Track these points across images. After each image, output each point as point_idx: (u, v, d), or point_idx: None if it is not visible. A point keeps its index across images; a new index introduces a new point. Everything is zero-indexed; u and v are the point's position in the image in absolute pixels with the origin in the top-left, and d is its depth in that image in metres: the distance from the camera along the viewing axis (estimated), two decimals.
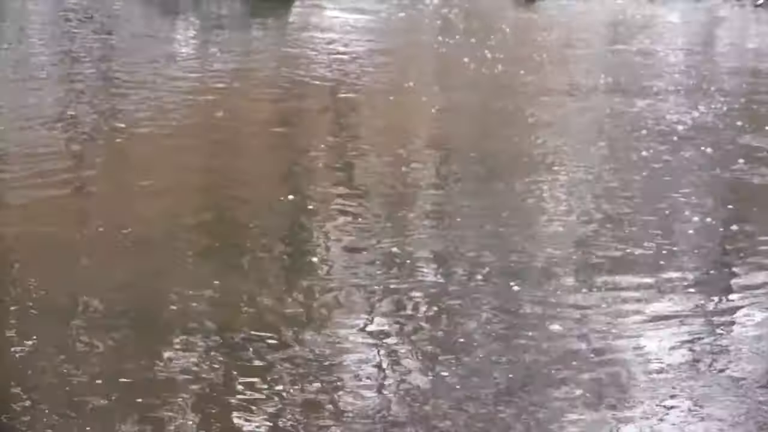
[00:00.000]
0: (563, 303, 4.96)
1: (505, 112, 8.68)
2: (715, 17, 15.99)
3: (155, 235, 5.71)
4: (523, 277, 5.24)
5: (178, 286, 4.98)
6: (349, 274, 5.31)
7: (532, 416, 3.92)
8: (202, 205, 6.45)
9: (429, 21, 13.57)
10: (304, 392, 4.05)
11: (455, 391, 4.07)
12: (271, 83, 9.78)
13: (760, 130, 8.44)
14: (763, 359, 4.45)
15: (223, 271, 5.24)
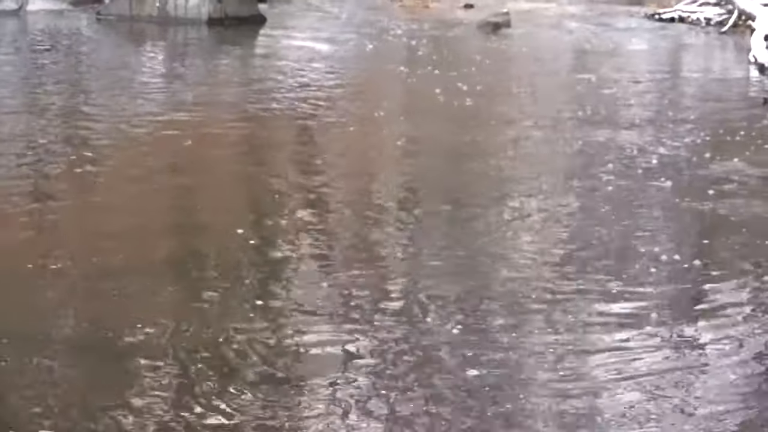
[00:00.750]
0: (526, 336, 4.84)
1: (471, 143, 8.57)
2: (680, 44, 16.05)
3: (121, 265, 5.60)
4: (486, 309, 5.14)
5: (143, 316, 4.87)
6: (315, 301, 5.22)
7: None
8: (167, 235, 6.36)
9: (397, 51, 13.50)
10: (274, 418, 3.97)
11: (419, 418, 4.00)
12: (238, 113, 9.66)
13: (728, 160, 8.36)
14: (724, 396, 4.34)
15: (188, 299, 5.20)
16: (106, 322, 4.79)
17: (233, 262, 5.80)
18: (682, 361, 4.64)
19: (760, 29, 14.81)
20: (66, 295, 5.18)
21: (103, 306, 5.03)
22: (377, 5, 18.46)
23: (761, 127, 10.06)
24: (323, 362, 4.55)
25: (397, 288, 5.48)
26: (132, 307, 5.03)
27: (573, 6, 19.94)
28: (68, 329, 4.79)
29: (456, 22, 16.67)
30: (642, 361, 4.57)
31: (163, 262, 5.74)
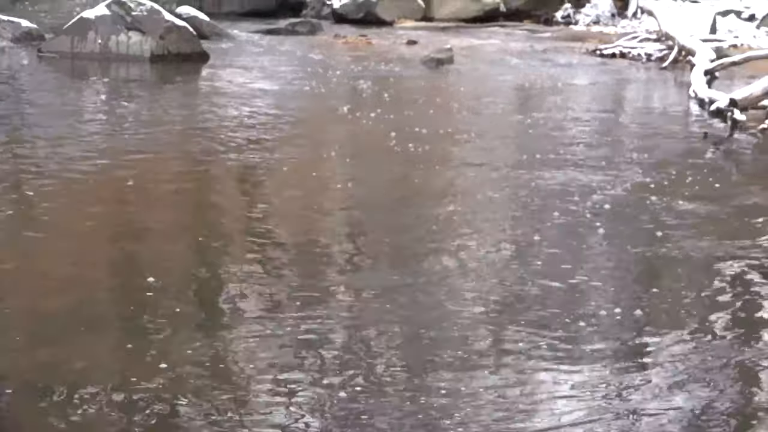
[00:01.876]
0: (468, 386, 4.80)
1: (415, 185, 8.50)
2: (622, 79, 16.17)
3: (62, 305, 5.56)
4: (432, 359, 5.09)
5: (83, 354, 4.88)
6: (254, 341, 5.20)
7: None
8: (109, 275, 6.31)
9: (341, 89, 13.47)
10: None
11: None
12: (181, 152, 9.60)
13: (673, 198, 8.40)
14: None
15: (129, 337, 5.16)
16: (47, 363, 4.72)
17: (179, 300, 5.74)
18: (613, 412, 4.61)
19: (699, 65, 15.00)
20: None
21: (43, 348, 4.95)
22: (320, 42, 18.48)
23: (704, 162, 10.16)
24: (271, 397, 4.52)
25: (337, 335, 5.42)
26: (73, 347, 4.98)
27: (514, 42, 20.07)
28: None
29: (400, 59, 16.69)
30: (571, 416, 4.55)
31: (98, 312, 5.65)
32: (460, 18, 22.83)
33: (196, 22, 16.84)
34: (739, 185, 9.18)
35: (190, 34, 15.42)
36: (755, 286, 6.60)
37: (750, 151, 10.91)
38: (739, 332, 5.77)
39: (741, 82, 14.01)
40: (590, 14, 23.51)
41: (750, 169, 10.13)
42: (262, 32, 19.15)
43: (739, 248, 7.24)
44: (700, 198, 8.50)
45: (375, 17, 21.81)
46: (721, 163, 10.42)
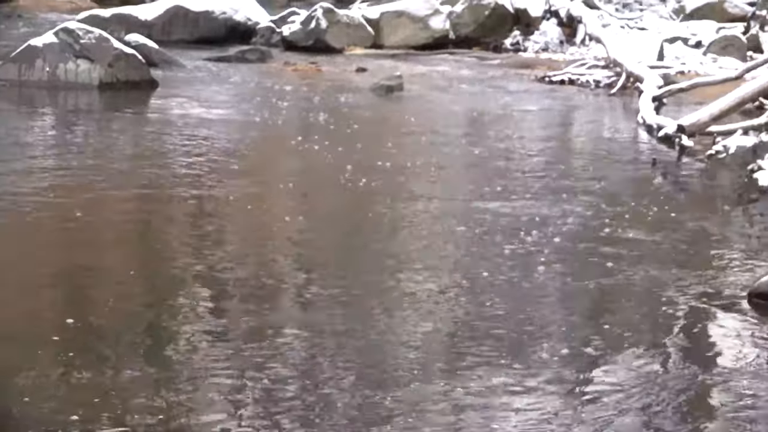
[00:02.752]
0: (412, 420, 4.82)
1: (366, 218, 8.44)
2: (571, 106, 16.25)
3: (10, 336, 5.56)
4: (383, 391, 5.12)
5: (31, 387, 4.87)
6: (205, 378, 5.19)
7: None
8: (56, 307, 6.24)
9: (292, 118, 13.35)
10: None
11: None
12: (129, 183, 9.44)
13: (622, 226, 8.42)
14: None
15: (79, 368, 5.15)
16: None
17: (127, 332, 5.69)
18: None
19: (647, 91, 15.10)
20: None
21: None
22: (270, 70, 18.43)
23: (653, 189, 10.23)
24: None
25: (286, 375, 5.37)
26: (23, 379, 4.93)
27: (464, 69, 20.13)
28: None
29: (350, 86, 16.68)
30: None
31: (53, 332, 5.64)
32: (410, 45, 22.86)
33: (145, 49, 16.74)
34: (688, 211, 9.23)
35: (138, 61, 15.33)
36: (705, 316, 6.64)
37: (698, 177, 11.00)
38: (685, 364, 5.81)
39: (688, 108, 14.12)
40: (539, 41, 23.60)
41: (698, 195, 10.21)
42: (211, 60, 19.07)
43: (689, 277, 7.28)
44: (650, 226, 8.54)
45: (325, 44, 21.79)
46: (669, 189, 10.49)
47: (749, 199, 9.30)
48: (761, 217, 8.77)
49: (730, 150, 11.32)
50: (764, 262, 7.57)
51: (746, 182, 9.78)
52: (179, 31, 21.44)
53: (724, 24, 24.57)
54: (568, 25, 23.72)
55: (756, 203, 9.13)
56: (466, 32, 23.69)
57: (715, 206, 9.53)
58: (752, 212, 8.97)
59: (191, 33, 21.59)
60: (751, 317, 6.56)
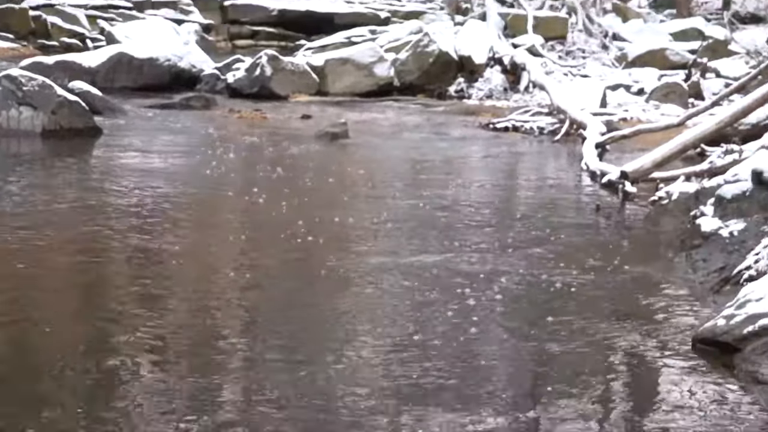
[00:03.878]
0: None
1: (312, 274, 8.23)
2: (515, 153, 16.33)
3: None
4: None
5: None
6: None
7: None
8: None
9: (236, 167, 13.16)
10: None
11: None
12: (69, 234, 9.30)
13: (569, 276, 8.41)
14: None
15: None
16: None
17: (70, 384, 5.61)
18: None
19: (591, 138, 15.22)
20: None
21: None
22: (215, 117, 18.39)
23: (597, 236, 10.29)
24: None
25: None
26: None
27: (409, 116, 20.21)
28: None
29: (294, 134, 16.67)
30: None
31: None
32: (355, 92, 22.92)
33: (88, 96, 16.65)
34: (631, 258, 9.26)
35: (82, 109, 15.24)
36: (649, 363, 6.66)
37: (641, 223, 11.06)
38: (629, 411, 5.82)
39: (631, 154, 14.24)
40: (483, 88, 23.74)
41: (642, 241, 10.25)
42: (155, 107, 19.00)
43: (633, 323, 7.30)
44: (594, 273, 8.57)
45: (269, 92, 21.80)
46: (613, 235, 10.53)
47: (692, 245, 9.34)
48: (704, 262, 8.80)
49: (673, 196, 11.42)
50: (708, 308, 7.61)
51: (689, 228, 9.83)
52: (123, 78, 21.35)
53: (665, 71, 24.89)
54: (512, 72, 23.91)
55: (699, 249, 9.17)
56: (411, 79, 23.81)
57: (659, 252, 9.58)
58: (695, 258, 9.01)
59: (135, 80, 21.51)
60: (696, 363, 6.57)
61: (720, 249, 8.92)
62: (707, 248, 9.10)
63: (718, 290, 8.02)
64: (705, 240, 9.27)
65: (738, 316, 6.67)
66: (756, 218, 9.17)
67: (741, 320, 6.61)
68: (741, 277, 7.87)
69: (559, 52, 26.85)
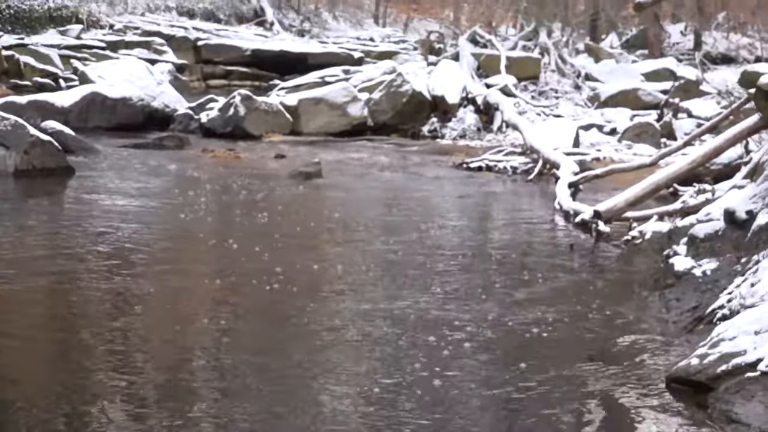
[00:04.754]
0: None
1: (285, 321, 8.05)
2: (489, 192, 16.35)
3: None
4: None
5: None
6: None
7: None
8: None
9: (207, 208, 12.98)
10: None
11: None
12: (39, 276, 9.16)
13: (542, 320, 8.38)
14: None
15: None
16: None
17: None
18: None
19: (564, 177, 15.27)
20: None
21: None
22: (188, 157, 18.35)
23: (570, 276, 10.28)
24: None
25: None
26: None
27: (382, 156, 20.24)
28: None
29: (268, 174, 16.66)
30: None
31: None
32: (328, 132, 22.98)
33: (61, 136, 16.63)
34: (605, 297, 9.26)
35: (55, 148, 15.20)
36: (623, 403, 6.64)
37: (615, 263, 11.07)
38: None
39: (604, 194, 14.28)
40: (456, 128, 23.84)
41: (615, 281, 10.24)
42: (129, 147, 18.97)
43: (607, 363, 7.29)
44: (567, 313, 8.55)
45: (243, 131, 21.82)
46: (587, 275, 10.53)
47: (665, 285, 9.35)
48: (677, 302, 8.81)
49: (646, 235, 11.45)
50: (681, 348, 7.61)
51: (662, 267, 9.85)
52: (96, 117, 21.34)
53: (638, 111, 25.08)
54: (485, 112, 24.03)
55: (672, 288, 9.18)
56: (384, 119, 23.90)
57: (632, 291, 9.58)
58: (669, 297, 9.01)
59: (108, 120, 21.51)
60: (670, 402, 6.56)
61: (693, 288, 8.94)
62: (680, 287, 9.11)
63: (692, 329, 8.02)
64: (678, 279, 9.29)
65: (711, 355, 6.67)
66: (728, 257, 9.19)
67: (714, 359, 6.61)
68: (714, 317, 7.88)
69: (532, 92, 27.00)
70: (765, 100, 9.18)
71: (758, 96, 9.23)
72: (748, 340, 6.60)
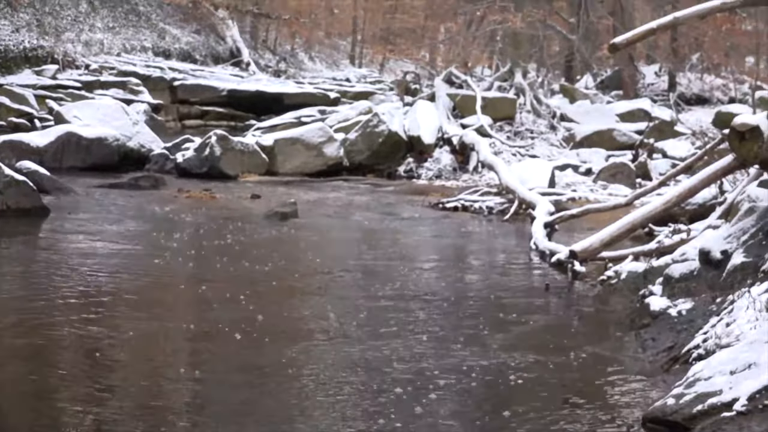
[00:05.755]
0: None
1: (259, 368, 7.90)
2: (465, 232, 16.35)
3: None
4: None
5: None
6: None
7: None
8: None
9: (183, 252, 12.79)
10: None
11: None
12: (11, 318, 9.06)
13: (516, 357, 8.34)
14: None
15: None
16: None
17: None
18: None
19: (540, 217, 15.30)
20: None
21: None
22: (164, 197, 18.30)
23: (546, 316, 10.28)
24: None
25: None
26: None
27: (358, 196, 20.25)
28: None
29: (244, 214, 16.62)
30: None
31: None
32: (304, 172, 23.00)
33: (36, 176, 16.58)
34: (581, 337, 9.25)
35: (30, 189, 15.15)
36: None
37: (591, 303, 11.07)
38: None
39: (580, 234, 14.30)
40: (432, 168, 23.90)
41: (591, 321, 10.24)
42: (104, 187, 18.91)
43: (584, 403, 7.27)
44: (543, 352, 8.53)
45: (219, 171, 21.82)
46: (562, 315, 10.53)
47: (641, 324, 9.35)
48: (653, 342, 8.81)
49: (622, 275, 11.46)
50: (657, 388, 7.59)
51: (638, 307, 9.85)
52: (71, 157, 21.30)
53: (613, 151, 25.19)
54: (461, 152, 24.10)
55: (648, 328, 9.18)
56: (361, 159, 23.94)
57: (608, 331, 9.57)
58: (644, 337, 9.01)
59: (84, 160, 21.47)
60: None
61: (669, 328, 8.94)
62: (656, 327, 9.11)
63: (668, 369, 8.01)
64: (654, 319, 9.29)
65: (688, 395, 6.66)
66: (704, 297, 9.21)
67: (690, 399, 6.60)
68: (690, 356, 7.88)
69: (507, 132, 27.09)
70: (739, 140, 9.22)
71: (732, 137, 9.27)
72: (723, 380, 6.60)
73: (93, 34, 36.55)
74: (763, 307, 7.62)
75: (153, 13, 41.72)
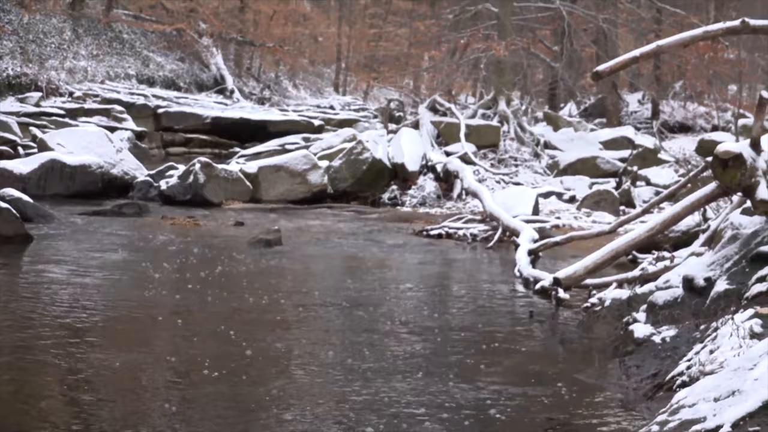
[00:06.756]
0: None
1: (239, 404, 7.76)
2: (448, 260, 16.33)
3: None
4: None
5: None
6: None
7: None
8: None
9: (166, 280, 12.75)
10: None
11: None
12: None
13: (501, 384, 8.33)
14: None
15: None
16: None
17: None
18: None
19: (524, 245, 15.31)
20: None
21: None
22: (147, 224, 18.26)
23: (530, 343, 10.25)
24: None
25: None
26: None
27: (342, 223, 20.23)
28: None
29: (227, 241, 16.59)
30: None
31: None
32: (288, 200, 23.01)
33: (19, 203, 16.55)
34: (565, 364, 9.25)
35: (12, 216, 15.10)
36: None
37: (574, 330, 11.06)
38: None
39: (564, 261, 14.32)
40: (416, 196, 23.93)
41: (575, 348, 10.24)
42: (87, 214, 18.87)
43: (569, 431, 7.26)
44: (527, 380, 8.52)
45: (203, 198, 21.81)
46: (546, 342, 10.51)
47: (625, 352, 9.35)
48: (637, 369, 8.80)
49: (606, 302, 11.46)
50: (642, 415, 7.59)
51: (622, 334, 9.85)
52: (55, 185, 21.27)
53: (596, 179, 25.29)
54: (445, 180, 24.16)
55: (632, 355, 9.18)
56: (345, 187, 23.98)
57: (592, 359, 9.57)
58: (628, 364, 9.01)
59: (67, 187, 21.44)
60: None
61: (653, 355, 8.94)
62: (640, 354, 9.11)
63: (652, 396, 8.01)
64: (638, 346, 9.29)
65: (672, 422, 6.65)
66: (688, 324, 9.21)
67: (675, 426, 6.59)
68: (674, 383, 7.87)
69: (491, 159, 27.16)
70: (722, 168, 9.24)
71: (715, 164, 9.29)
72: (707, 406, 6.59)
73: (77, 61, 36.52)
74: (746, 334, 7.62)
75: (137, 41, 41.74)
